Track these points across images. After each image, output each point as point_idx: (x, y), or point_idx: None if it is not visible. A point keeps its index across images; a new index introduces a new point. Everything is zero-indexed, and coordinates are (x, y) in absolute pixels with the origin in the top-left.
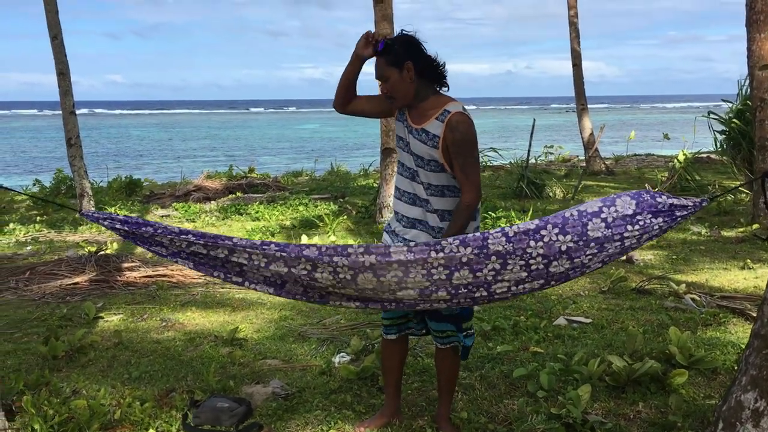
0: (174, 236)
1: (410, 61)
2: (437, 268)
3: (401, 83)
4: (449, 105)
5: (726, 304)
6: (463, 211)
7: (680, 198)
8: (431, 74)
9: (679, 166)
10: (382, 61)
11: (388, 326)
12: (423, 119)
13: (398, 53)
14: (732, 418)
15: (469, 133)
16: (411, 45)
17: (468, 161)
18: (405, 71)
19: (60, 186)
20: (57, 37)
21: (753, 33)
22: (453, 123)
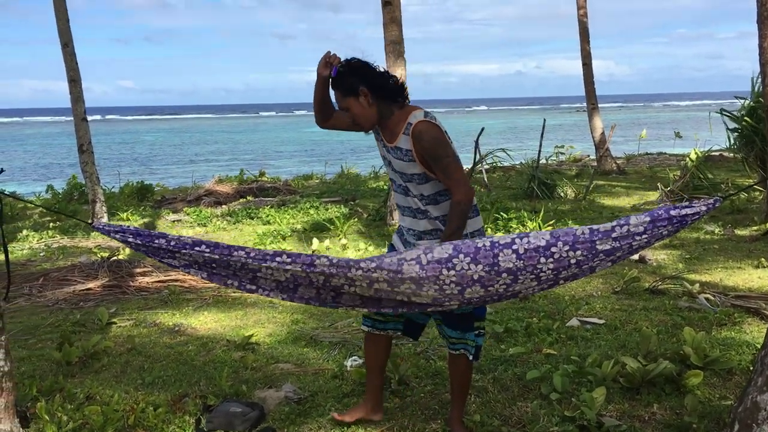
0: (188, 249)
1: (363, 86)
2: (449, 284)
3: (362, 109)
4: (411, 116)
5: (740, 304)
6: (456, 211)
7: (693, 205)
8: (388, 92)
9: (692, 164)
10: (338, 93)
11: (365, 317)
12: (394, 137)
13: (350, 82)
14: (748, 420)
15: (435, 137)
16: (360, 70)
17: (444, 162)
18: (362, 97)
19: (73, 192)
20: (68, 45)
21: (765, 30)
22: (417, 133)
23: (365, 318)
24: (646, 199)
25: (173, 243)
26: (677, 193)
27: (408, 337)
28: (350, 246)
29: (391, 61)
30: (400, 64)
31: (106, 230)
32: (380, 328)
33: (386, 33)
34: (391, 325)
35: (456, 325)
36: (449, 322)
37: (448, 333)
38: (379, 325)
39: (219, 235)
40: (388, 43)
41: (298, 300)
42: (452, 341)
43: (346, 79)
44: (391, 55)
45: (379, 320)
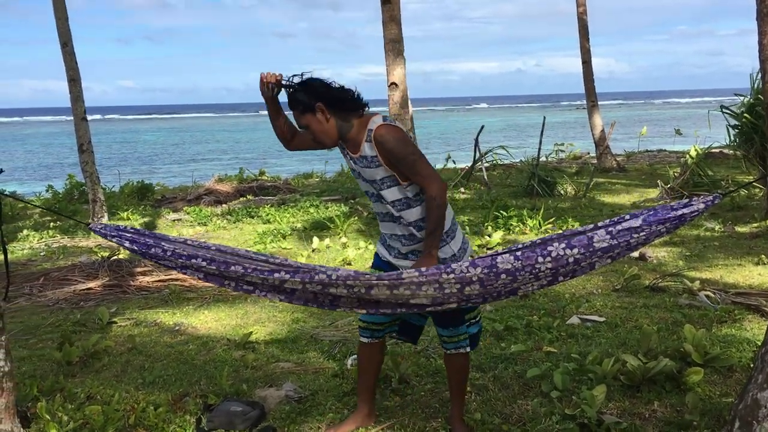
0: (186, 247)
1: (319, 101)
2: (449, 284)
3: (320, 125)
4: (370, 123)
5: (741, 301)
6: (432, 205)
7: (692, 204)
8: (344, 105)
9: (692, 161)
10: (295, 113)
11: (363, 329)
12: (357, 147)
13: (305, 100)
14: (748, 417)
15: (396, 139)
16: (314, 87)
17: (410, 160)
18: (319, 113)
19: (73, 192)
20: (67, 44)
21: (764, 26)
22: (378, 138)
23: (363, 330)
24: (646, 196)
25: (169, 253)
26: (677, 191)
27: (405, 340)
28: (350, 244)
29: (390, 59)
30: (399, 63)
31: (103, 232)
32: (379, 336)
33: (385, 31)
34: (387, 330)
35: (447, 323)
36: (440, 320)
37: (441, 332)
38: (377, 334)
39: (219, 234)
40: (388, 41)
41: (296, 302)
42: (444, 340)
43: (301, 97)
44: (390, 54)
45: (377, 329)
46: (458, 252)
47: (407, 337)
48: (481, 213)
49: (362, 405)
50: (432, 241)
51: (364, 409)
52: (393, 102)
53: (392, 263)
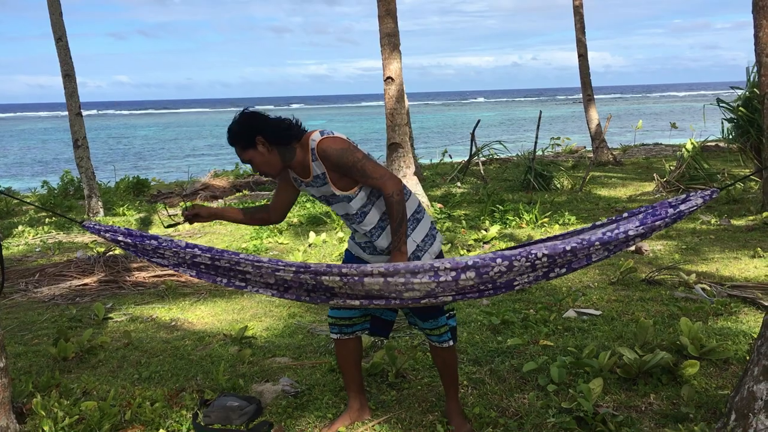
0: (179, 249)
1: (258, 135)
2: (444, 271)
3: (263, 157)
4: (310, 142)
5: (737, 294)
6: (391, 203)
7: (689, 199)
8: (284, 134)
9: (688, 155)
10: (237, 149)
11: (332, 324)
12: (306, 170)
13: (244, 135)
14: (744, 409)
15: (339, 148)
16: (251, 121)
17: (359, 166)
18: (259, 146)
19: (68, 187)
20: (62, 39)
21: (760, 20)
22: (322, 153)
23: (332, 326)
24: (642, 189)
25: (164, 244)
26: (673, 184)
27: (377, 336)
28: (347, 239)
29: (386, 53)
30: (395, 57)
31: (96, 229)
32: (348, 332)
33: (381, 25)
34: (359, 327)
35: (427, 314)
36: (420, 313)
37: (423, 326)
38: (346, 329)
39: (215, 229)
40: (384, 35)
41: (289, 297)
42: (428, 333)
43: (239, 134)
44: (386, 48)
45: (345, 324)
46: (421, 243)
47: (379, 332)
48: (478, 207)
49: (353, 400)
50: (399, 237)
51: (355, 404)
52: (389, 96)
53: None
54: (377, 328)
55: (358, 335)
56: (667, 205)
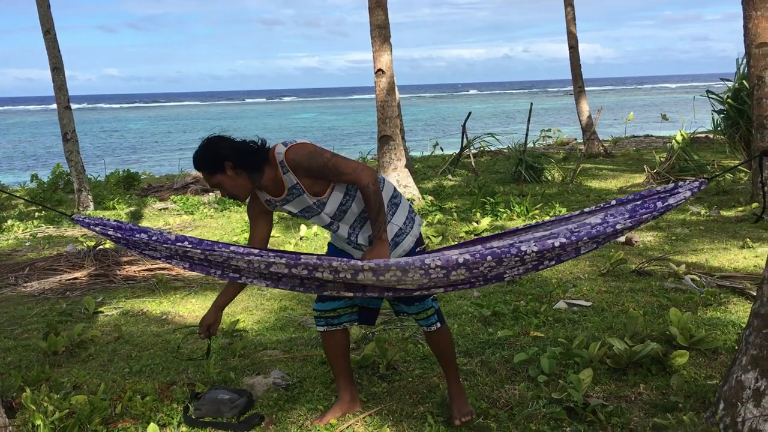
0: (170, 244)
1: (226, 159)
2: (435, 269)
3: (233, 181)
4: (277, 157)
5: (726, 284)
6: (368, 193)
7: (678, 191)
8: (252, 158)
9: (678, 146)
10: (205, 173)
11: (317, 317)
12: (280, 187)
13: (211, 161)
14: (733, 398)
15: (307, 152)
16: (218, 145)
17: (330, 165)
18: (228, 170)
19: (58, 181)
20: (50, 32)
21: (749, 11)
22: (292, 163)
23: (318, 318)
24: (632, 181)
25: (155, 238)
26: (663, 175)
27: (364, 324)
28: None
29: (377, 45)
30: (386, 49)
31: (86, 222)
32: (335, 323)
33: (372, 17)
34: (346, 318)
35: (412, 298)
36: (405, 298)
37: (410, 311)
38: (333, 321)
39: (206, 222)
40: (374, 27)
41: (283, 287)
42: (415, 318)
43: (206, 159)
44: (377, 40)
45: (332, 317)
46: (404, 225)
47: (366, 321)
48: (469, 199)
49: (343, 392)
50: (379, 225)
51: (346, 396)
52: (380, 89)
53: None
54: (365, 317)
55: (345, 326)
56: (655, 196)
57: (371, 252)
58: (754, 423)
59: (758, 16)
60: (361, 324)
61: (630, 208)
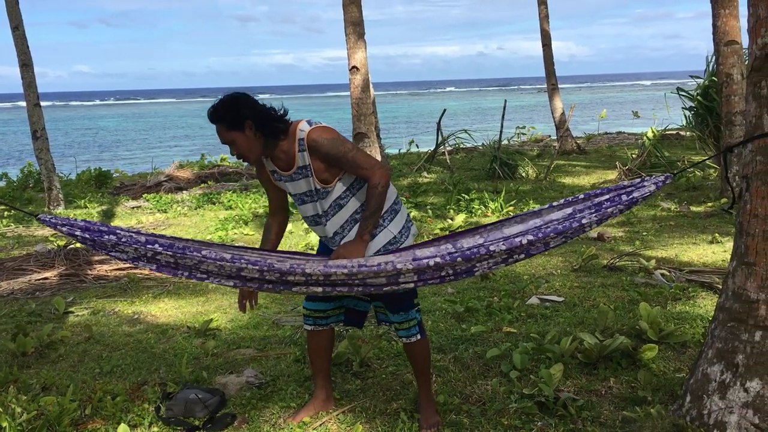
0: (139, 246)
1: (248, 118)
2: (406, 273)
3: (248, 142)
4: (298, 133)
5: (695, 279)
6: (374, 193)
7: (643, 185)
8: (272, 126)
9: (649, 143)
10: (221, 127)
11: (306, 316)
12: (290, 162)
13: (233, 117)
14: (699, 391)
15: (330, 138)
16: (244, 103)
17: (350, 156)
18: (247, 129)
19: (28, 180)
20: (18, 28)
21: (718, 9)
22: (312, 143)
23: (306, 317)
24: (605, 177)
25: (124, 239)
26: (635, 172)
27: (351, 326)
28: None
29: (351, 42)
30: (360, 46)
31: (53, 222)
32: (322, 324)
33: (346, 14)
34: (333, 319)
35: (398, 307)
36: (391, 305)
37: (393, 319)
38: (321, 321)
39: (180, 220)
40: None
41: (251, 286)
42: (396, 327)
43: (230, 113)
44: (351, 37)
45: (320, 317)
46: (398, 234)
47: (353, 324)
48: (444, 196)
49: (319, 390)
50: (367, 225)
51: (321, 394)
52: (354, 86)
53: None
54: (352, 319)
55: (331, 327)
56: (621, 190)
57: (347, 246)
58: (720, 415)
59: (726, 14)
60: (347, 326)
61: (596, 203)
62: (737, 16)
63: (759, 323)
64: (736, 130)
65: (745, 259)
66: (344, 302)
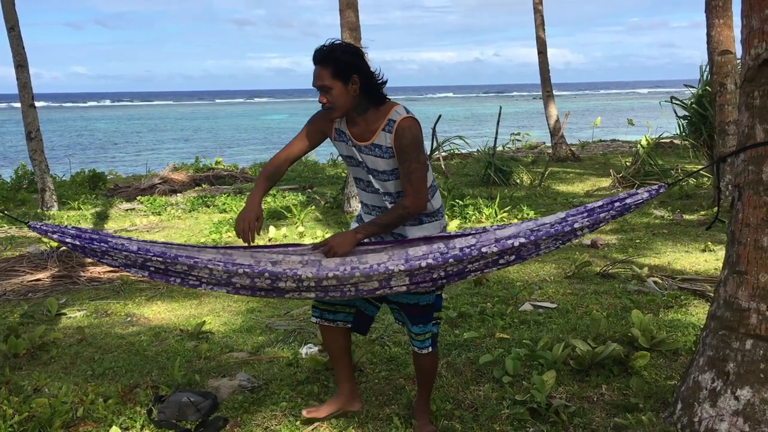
0: (130, 254)
1: (357, 74)
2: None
3: (345, 96)
4: (392, 113)
5: (687, 287)
6: (397, 212)
7: (636, 193)
8: (374, 90)
9: (643, 151)
10: (325, 71)
11: (314, 307)
12: (369, 134)
13: (345, 65)
14: (690, 399)
15: (415, 136)
16: (359, 58)
17: (413, 167)
18: (351, 84)
19: (22, 181)
20: (14, 29)
21: (712, 19)
22: (400, 130)
23: (314, 308)
24: (599, 185)
25: (116, 247)
26: (629, 179)
27: (356, 332)
28: (307, 234)
29: None
30: None
31: (43, 230)
32: (329, 318)
33: (342, 18)
34: (341, 316)
35: (419, 319)
36: (413, 317)
37: (411, 329)
38: (327, 315)
39: (174, 223)
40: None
41: (244, 293)
42: (413, 337)
43: (342, 59)
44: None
45: (327, 310)
46: None
47: (358, 328)
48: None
49: (341, 387)
50: (370, 229)
51: (344, 391)
52: None
53: None
54: (358, 323)
55: (340, 326)
56: (615, 199)
57: (336, 237)
58: (710, 423)
59: (720, 24)
60: (352, 330)
61: (589, 209)
62: (731, 26)
63: (750, 332)
64: (730, 139)
65: (736, 267)
66: (354, 301)
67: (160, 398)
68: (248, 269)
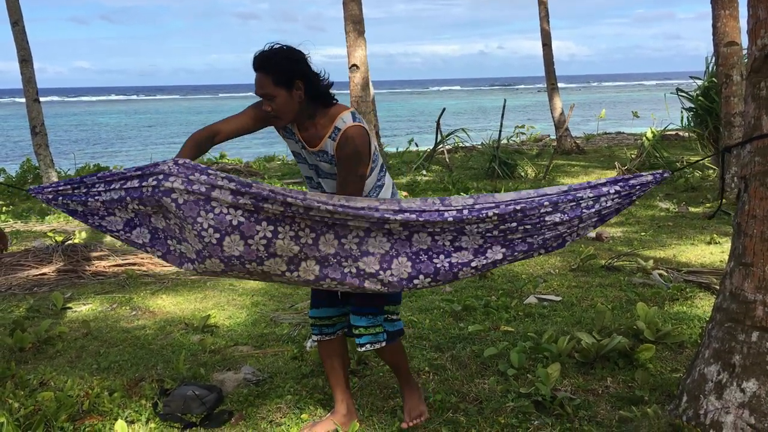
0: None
1: (300, 80)
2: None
3: (290, 103)
4: (338, 121)
5: (693, 279)
6: None
7: (642, 175)
8: (320, 94)
9: (648, 143)
10: (267, 80)
11: (312, 325)
12: (317, 140)
13: (286, 70)
14: (696, 391)
15: (357, 151)
16: (301, 63)
17: (349, 179)
18: (295, 90)
19: (26, 176)
20: (18, 23)
21: (718, 10)
22: (343, 140)
23: (313, 327)
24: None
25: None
26: (634, 172)
27: (352, 336)
28: None
29: (351, 39)
30: (360, 44)
31: (40, 188)
32: (329, 332)
33: (346, 11)
34: (340, 326)
35: (365, 308)
36: (358, 307)
37: (356, 324)
38: (327, 330)
39: None
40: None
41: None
42: (361, 332)
43: (283, 66)
44: (351, 34)
45: (327, 325)
46: None
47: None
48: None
49: (339, 404)
50: None
51: (341, 408)
52: (354, 84)
53: None
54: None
55: (339, 335)
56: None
57: None
58: (716, 415)
59: (726, 15)
60: (348, 336)
61: (593, 185)
62: (737, 17)
63: (756, 324)
64: (736, 131)
65: (742, 259)
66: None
67: (166, 391)
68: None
